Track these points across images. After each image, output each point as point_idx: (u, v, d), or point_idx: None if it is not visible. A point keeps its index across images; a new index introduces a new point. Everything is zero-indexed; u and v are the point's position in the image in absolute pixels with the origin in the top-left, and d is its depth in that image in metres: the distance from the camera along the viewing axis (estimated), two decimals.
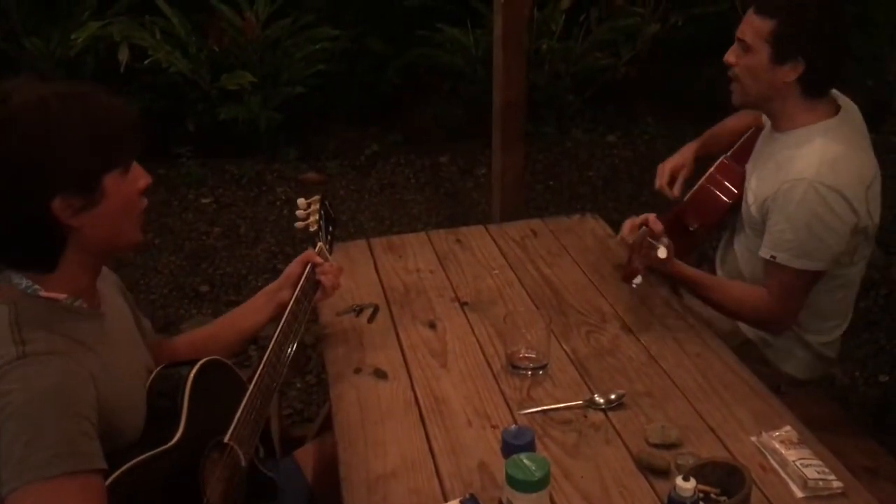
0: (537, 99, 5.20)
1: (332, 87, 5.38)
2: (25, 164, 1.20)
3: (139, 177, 1.34)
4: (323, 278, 1.77)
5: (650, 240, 1.83)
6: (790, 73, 1.85)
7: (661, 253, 1.82)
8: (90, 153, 1.24)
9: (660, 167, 2.31)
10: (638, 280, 1.88)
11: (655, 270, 1.95)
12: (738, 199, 2.11)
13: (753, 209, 1.99)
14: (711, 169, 2.22)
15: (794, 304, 1.93)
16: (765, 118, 2.11)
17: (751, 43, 1.87)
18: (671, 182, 2.28)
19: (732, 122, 2.35)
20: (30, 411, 1.14)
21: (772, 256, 1.88)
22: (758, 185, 1.99)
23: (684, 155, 2.33)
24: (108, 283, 1.48)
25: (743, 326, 2.11)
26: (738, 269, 2.12)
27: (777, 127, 1.98)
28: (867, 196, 1.87)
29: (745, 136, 2.25)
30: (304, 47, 5.15)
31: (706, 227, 2.22)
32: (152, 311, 3.57)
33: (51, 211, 1.22)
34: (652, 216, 1.88)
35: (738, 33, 1.91)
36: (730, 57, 1.94)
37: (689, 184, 2.30)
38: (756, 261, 2.01)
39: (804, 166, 1.84)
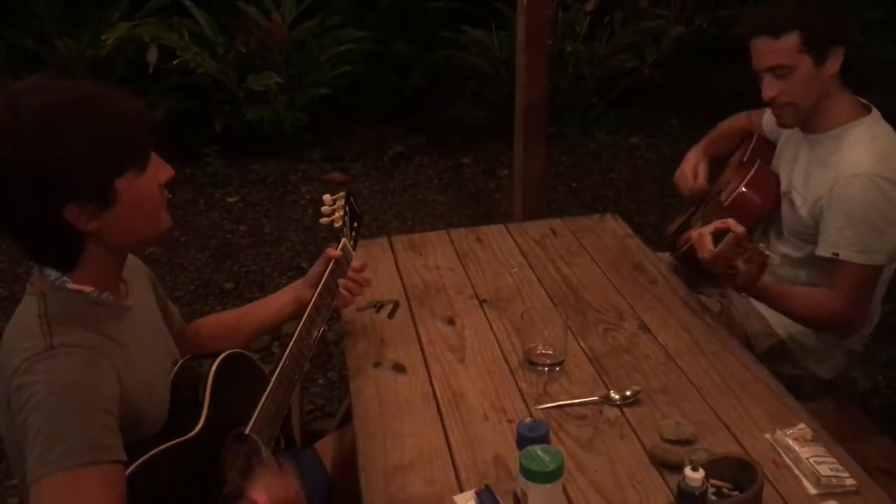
0: (561, 100, 5.21)
1: (356, 88, 5.44)
2: (34, 175, 1.19)
3: (158, 171, 1.33)
4: (343, 291, 1.78)
5: (760, 246, 1.73)
6: (835, 63, 1.86)
7: (775, 260, 1.80)
8: (99, 159, 1.23)
9: (679, 174, 2.33)
10: None
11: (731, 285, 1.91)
12: (775, 203, 2.11)
13: (804, 212, 1.97)
14: (750, 174, 2.19)
15: (864, 301, 1.91)
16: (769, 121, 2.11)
17: (788, 63, 1.85)
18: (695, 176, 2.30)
19: (727, 125, 2.37)
20: (54, 403, 1.16)
21: (833, 254, 1.87)
22: (806, 189, 1.98)
23: (695, 155, 2.35)
24: (138, 274, 1.51)
25: (776, 326, 2.09)
26: (775, 275, 2.08)
27: (813, 128, 1.97)
28: None
29: (756, 140, 2.26)
30: (329, 49, 5.22)
31: (749, 231, 2.22)
32: (177, 307, 3.62)
33: (64, 218, 1.23)
34: (731, 221, 1.70)
35: (765, 64, 1.88)
36: (770, 91, 1.90)
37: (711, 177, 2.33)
38: (800, 266, 2.01)
39: (857, 161, 1.84)
